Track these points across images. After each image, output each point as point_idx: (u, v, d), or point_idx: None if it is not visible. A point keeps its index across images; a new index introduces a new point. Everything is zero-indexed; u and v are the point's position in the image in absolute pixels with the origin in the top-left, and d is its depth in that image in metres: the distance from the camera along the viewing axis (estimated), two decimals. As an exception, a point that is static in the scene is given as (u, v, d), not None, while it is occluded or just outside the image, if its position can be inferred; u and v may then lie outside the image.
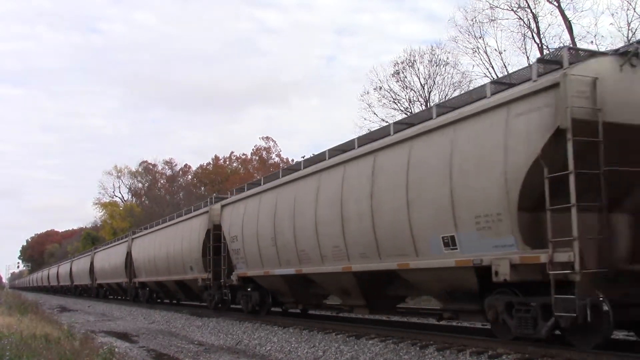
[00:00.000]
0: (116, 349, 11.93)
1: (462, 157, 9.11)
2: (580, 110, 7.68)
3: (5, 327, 13.92)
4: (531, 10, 29.12)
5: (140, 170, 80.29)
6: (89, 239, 77.32)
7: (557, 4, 27.66)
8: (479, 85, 10.28)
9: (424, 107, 34.45)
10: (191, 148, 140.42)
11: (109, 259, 36.35)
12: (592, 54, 8.47)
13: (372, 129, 12.87)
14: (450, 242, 9.37)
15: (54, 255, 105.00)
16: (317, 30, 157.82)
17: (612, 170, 7.73)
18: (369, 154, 11.47)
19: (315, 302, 15.91)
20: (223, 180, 62.46)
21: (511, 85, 9.03)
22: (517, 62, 38.21)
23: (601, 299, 7.63)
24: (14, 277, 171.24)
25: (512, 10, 29.67)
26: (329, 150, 13.42)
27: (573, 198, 7.50)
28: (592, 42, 26.16)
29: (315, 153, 14.36)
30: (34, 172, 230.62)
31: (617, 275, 7.83)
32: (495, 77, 29.12)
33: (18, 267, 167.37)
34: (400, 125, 11.33)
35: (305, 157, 15.73)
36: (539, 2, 28.82)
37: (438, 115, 10.03)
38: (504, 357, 8.53)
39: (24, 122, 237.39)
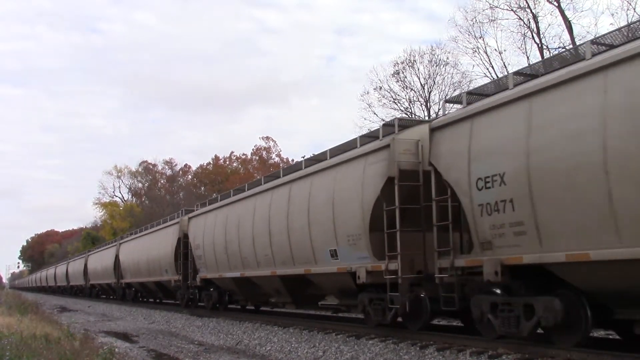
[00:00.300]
0: (116, 349, 11.93)
1: (339, 191, 12.28)
2: (406, 163, 10.70)
3: (5, 327, 13.92)
4: (531, 11, 29.20)
5: (140, 170, 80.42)
6: (89, 239, 77.35)
7: (557, 4, 27.72)
8: (374, 129, 13.13)
9: (423, 107, 34.52)
10: (191, 148, 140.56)
11: (100, 261, 38.83)
12: (417, 123, 11.84)
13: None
14: (334, 254, 12.39)
15: (54, 256, 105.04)
16: (317, 30, 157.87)
17: (427, 205, 10.42)
18: (287, 184, 14.78)
19: (261, 299, 18.54)
20: (223, 180, 62.52)
21: (375, 138, 12.00)
22: (517, 62, 38.27)
23: (422, 295, 10.88)
24: (14, 277, 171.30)
25: (512, 10, 29.75)
26: (264, 177, 17.67)
27: (397, 225, 10.61)
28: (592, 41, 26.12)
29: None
30: (34, 172, 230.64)
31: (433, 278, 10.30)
32: (495, 77, 29.14)
33: (18, 267, 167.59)
34: (308, 161, 14.81)
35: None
36: (539, 2, 28.91)
37: (331, 156, 13.43)
38: (504, 357, 8.54)
39: (24, 122, 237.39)
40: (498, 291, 9.23)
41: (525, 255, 8.32)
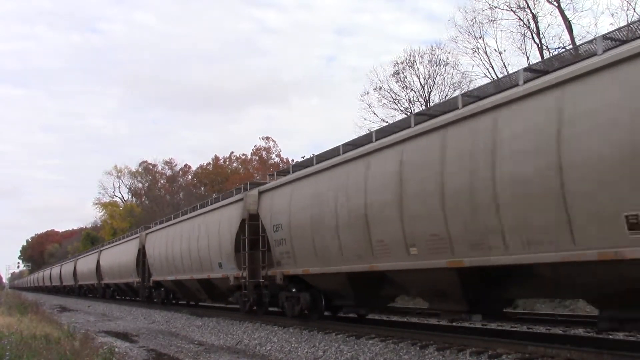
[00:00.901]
0: (116, 349, 11.94)
1: (221, 224, 18.80)
2: (252, 208, 16.38)
3: (5, 327, 13.93)
4: (531, 11, 29.13)
5: (140, 170, 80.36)
6: (89, 239, 77.37)
7: (557, 4, 27.67)
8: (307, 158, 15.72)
9: (423, 107, 34.47)
10: (191, 148, 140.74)
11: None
12: (257, 185, 17.36)
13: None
14: (221, 265, 18.71)
15: (54, 255, 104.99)
16: (317, 30, 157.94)
17: (263, 235, 15.75)
18: (194, 217, 22.57)
19: (192, 296, 23.94)
20: (223, 180, 62.48)
21: (238, 191, 18.63)
22: (517, 62, 38.27)
23: (265, 292, 16.47)
24: (14, 277, 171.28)
25: (512, 10, 29.68)
26: (181, 211, 26.01)
27: (247, 247, 16.63)
28: (592, 41, 26.10)
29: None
30: (34, 172, 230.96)
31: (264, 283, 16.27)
32: (495, 77, 29.14)
33: (18, 267, 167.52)
34: (196, 207, 22.90)
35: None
36: (539, 2, 28.85)
37: (214, 201, 21.11)
38: (504, 357, 8.54)
39: (24, 122, 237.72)
40: (293, 290, 14.94)
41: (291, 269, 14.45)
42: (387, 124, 14.09)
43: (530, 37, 29.51)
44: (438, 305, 10.63)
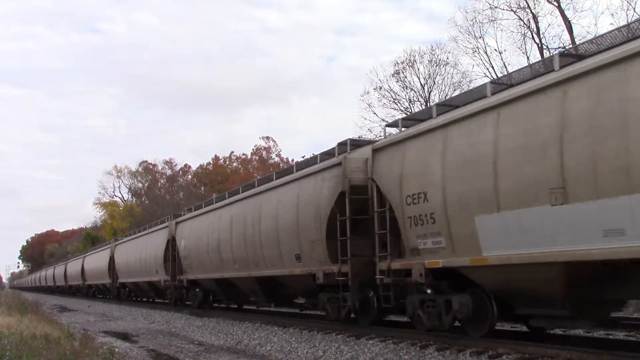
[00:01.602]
0: (116, 349, 11.93)
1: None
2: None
3: (5, 327, 13.92)
4: (531, 11, 29.17)
5: (140, 170, 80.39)
6: (89, 239, 77.35)
7: (557, 4, 27.70)
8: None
9: (423, 107, 34.46)
10: (191, 148, 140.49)
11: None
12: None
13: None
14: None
15: (54, 255, 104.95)
16: (317, 30, 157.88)
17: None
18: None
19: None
20: (223, 180, 62.48)
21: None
22: (517, 62, 38.20)
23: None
24: (14, 277, 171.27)
25: (512, 10, 29.72)
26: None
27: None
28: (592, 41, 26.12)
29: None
30: (34, 172, 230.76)
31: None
32: (495, 77, 29.12)
33: (18, 267, 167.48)
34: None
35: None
36: (539, 2, 28.89)
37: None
38: (504, 357, 8.53)
39: (24, 122, 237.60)
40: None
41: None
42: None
43: (531, 37, 29.56)
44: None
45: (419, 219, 10.28)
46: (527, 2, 28.95)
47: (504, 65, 30.65)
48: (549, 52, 27.72)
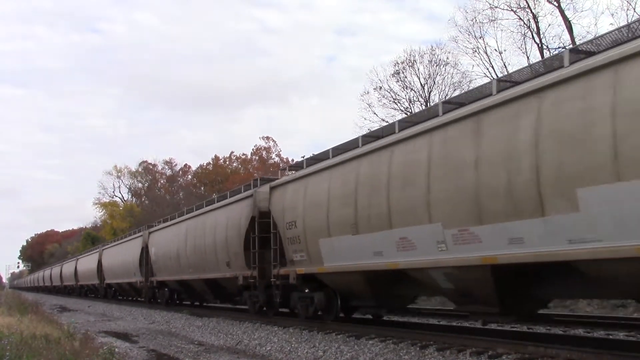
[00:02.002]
0: (116, 349, 11.93)
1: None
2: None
3: (5, 327, 13.93)
4: (531, 10, 29.17)
5: (140, 170, 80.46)
6: (89, 239, 77.37)
7: (557, 4, 27.70)
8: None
9: (423, 107, 34.49)
10: (191, 148, 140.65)
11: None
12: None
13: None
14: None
15: (54, 255, 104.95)
16: (317, 30, 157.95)
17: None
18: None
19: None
20: (223, 180, 62.49)
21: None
22: (517, 62, 38.23)
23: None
24: (14, 277, 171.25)
25: (512, 10, 29.72)
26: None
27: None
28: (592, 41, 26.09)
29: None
30: (34, 172, 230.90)
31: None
32: (495, 77, 29.10)
33: (18, 267, 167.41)
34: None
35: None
36: (539, 2, 28.89)
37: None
38: (504, 357, 8.54)
39: (24, 122, 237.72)
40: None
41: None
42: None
43: (531, 37, 29.56)
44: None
45: (293, 239, 14.27)
46: (527, 2, 28.98)
47: (504, 65, 30.67)
48: (549, 52, 27.75)
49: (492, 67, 31.13)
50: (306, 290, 14.56)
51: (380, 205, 10.88)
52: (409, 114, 34.39)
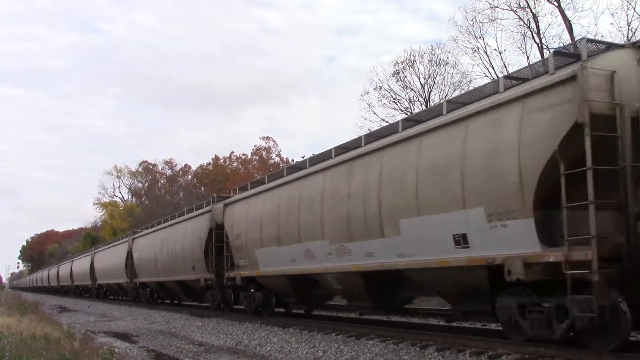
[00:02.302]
0: (116, 349, 11.93)
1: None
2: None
3: (5, 328, 13.93)
4: (531, 10, 29.12)
5: (140, 170, 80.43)
6: (89, 239, 77.35)
7: (557, 4, 27.66)
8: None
9: (424, 107, 34.54)
10: (191, 148, 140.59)
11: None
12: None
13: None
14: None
15: (54, 255, 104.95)
16: (317, 30, 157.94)
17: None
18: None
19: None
20: (223, 180, 62.48)
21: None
22: (517, 62, 38.21)
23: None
24: (13, 277, 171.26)
25: (512, 10, 29.67)
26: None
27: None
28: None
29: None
30: (34, 172, 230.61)
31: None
32: (495, 77, 29.12)
33: (18, 267, 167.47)
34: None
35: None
36: (539, 2, 28.81)
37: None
38: (504, 357, 8.53)
39: (24, 122, 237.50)
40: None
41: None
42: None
43: (531, 36, 29.52)
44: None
45: (239, 248, 17.26)
46: (527, 2, 28.92)
47: (504, 65, 30.64)
48: (549, 52, 27.70)
49: (492, 67, 31.13)
50: (251, 290, 17.68)
51: (293, 224, 14.05)
52: (409, 114, 34.43)
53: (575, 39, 10.72)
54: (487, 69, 31.40)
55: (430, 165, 9.90)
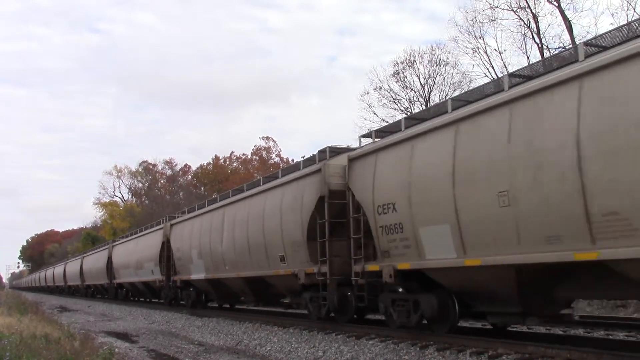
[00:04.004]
0: (116, 349, 11.93)
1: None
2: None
3: (5, 327, 13.93)
4: (531, 10, 29.14)
5: (140, 170, 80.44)
6: (89, 239, 77.35)
7: (557, 4, 27.68)
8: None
9: (424, 107, 34.55)
10: (191, 148, 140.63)
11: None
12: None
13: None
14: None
15: (54, 255, 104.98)
16: (318, 30, 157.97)
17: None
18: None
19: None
20: (223, 180, 62.50)
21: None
22: (517, 62, 38.24)
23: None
24: (13, 277, 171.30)
25: (512, 10, 29.69)
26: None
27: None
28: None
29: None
30: (34, 172, 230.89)
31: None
32: (495, 76, 29.12)
33: (18, 267, 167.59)
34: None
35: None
36: (539, 2, 28.84)
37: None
38: (504, 357, 8.53)
39: (24, 122, 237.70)
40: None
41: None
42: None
43: (531, 37, 29.54)
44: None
45: (179, 258, 21.25)
46: (527, 2, 28.95)
47: (504, 65, 30.66)
48: (549, 52, 27.73)
49: (492, 67, 31.14)
50: (190, 289, 22.07)
51: (206, 243, 20.40)
52: (409, 113, 34.44)
53: (319, 150, 14.16)
54: (487, 69, 31.44)
55: (257, 216, 16.10)
